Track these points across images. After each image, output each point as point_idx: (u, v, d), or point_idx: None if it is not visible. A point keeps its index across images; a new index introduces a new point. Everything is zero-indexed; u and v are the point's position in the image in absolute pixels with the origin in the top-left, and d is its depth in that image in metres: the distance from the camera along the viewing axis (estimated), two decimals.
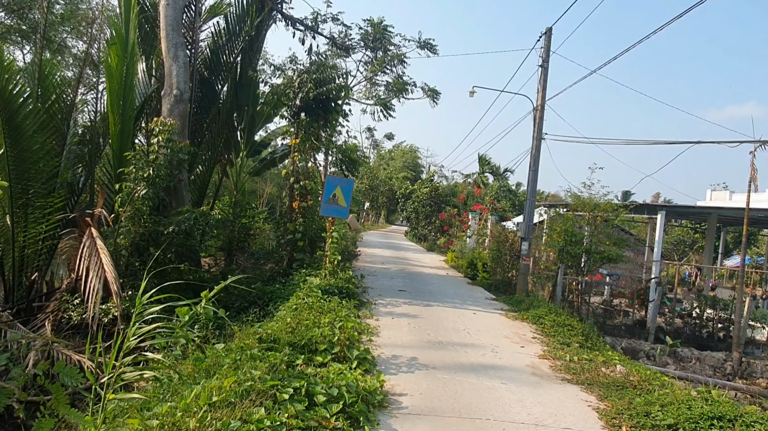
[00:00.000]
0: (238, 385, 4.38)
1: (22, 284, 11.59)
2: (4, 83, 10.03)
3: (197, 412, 3.81)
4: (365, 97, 20.06)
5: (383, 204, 59.19)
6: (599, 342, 10.01)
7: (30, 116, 10.66)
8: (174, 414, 3.79)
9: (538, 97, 15.26)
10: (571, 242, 14.36)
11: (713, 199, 25.26)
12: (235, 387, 4.34)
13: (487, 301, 13.46)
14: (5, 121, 10.34)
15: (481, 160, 36.53)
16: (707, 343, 14.47)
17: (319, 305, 8.74)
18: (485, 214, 23.86)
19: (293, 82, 12.26)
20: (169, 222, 10.79)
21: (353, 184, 12.83)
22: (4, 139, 10.37)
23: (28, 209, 11.12)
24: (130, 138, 12.03)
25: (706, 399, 5.81)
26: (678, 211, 20.53)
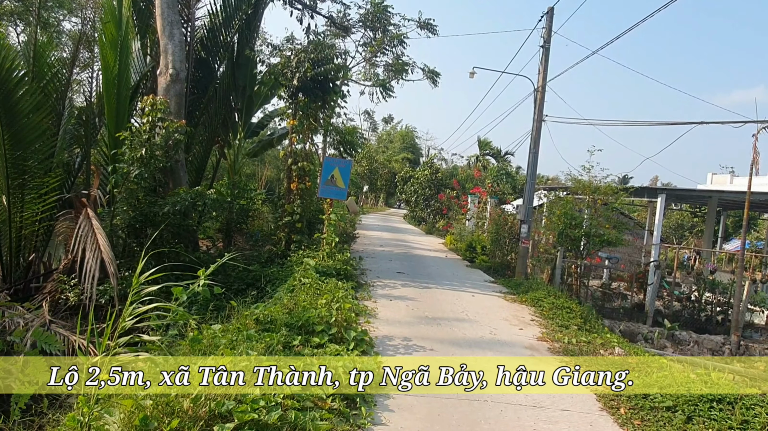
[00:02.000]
0: (233, 366, 4.33)
1: (19, 265, 11.55)
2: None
3: (192, 392, 3.76)
4: (364, 78, 19.82)
5: (382, 187, 59.07)
6: (598, 324, 9.99)
7: (26, 96, 10.52)
8: (168, 395, 3.74)
9: (539, 78, 15.08)
10: (570, 225, 14.29)
11: (714, 182, 25.15)
12: (230, 367, 4.29)
13: (486, 284, 13.43)
14: (1, 100, 10.19)
15: (481, 142, 36.37)
16: (705, 327, 14.48)
17: (317, 286, 8.69)
18: (484, 197, 23.77)
19: (291, 62, 12.07)
20: (164, 203, 10.70)
21: (351, 165, 12.71)
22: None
23: (24, 189, 11.03)
24: (125, 118, 11.89)
25: (705, 381, 5.78)
26: (678, 194, 20.45)
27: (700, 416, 4.97)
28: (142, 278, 3.72)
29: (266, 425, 3.52)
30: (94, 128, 13.32)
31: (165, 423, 3.36)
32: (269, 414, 3.57)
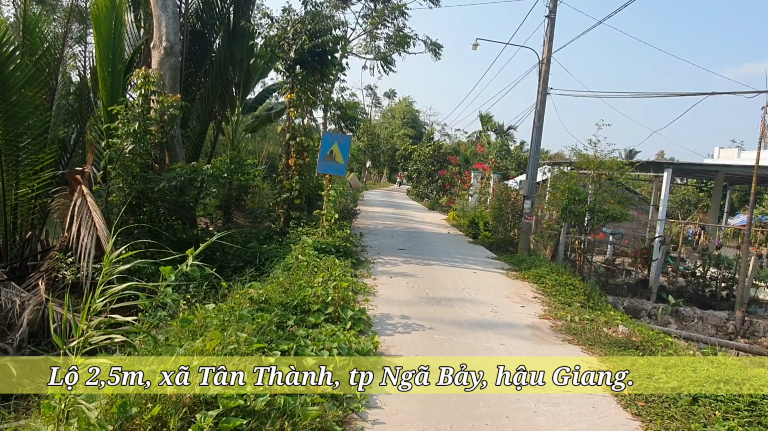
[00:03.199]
0: (221, 348, 4.18)
1: (15, 243, 11.43)
2: None
3: (175, 377, 3.60)
4: (365, 51, 19.38)
5: (385, 162, 58.67)
6: (601, 301, 9.82)
7: (18, 69, 10.28)
8: (152, 379, 3.59)
9: (544, 50, 14.66)
10: (574, 201, 14.05)
11: (721, 156, 24.74)
12: (218, 350, 4.14)
13: (488, 260, 13.26)
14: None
15: (483, 118, 35.81)
16: (710, 302, 14.33)
17: (314, 264, 8.52)
18: (487, 173, 23.48)
19: (287, 33, 11.70)
20: (159, 179, 10.49)
21: (351, 140, 12.43)
22: None
23: (18, 166, 10.85)
24: (119, 92, 11.61)
25: (712, 361, 5.61)
26: (684, 168, 20.10)
27: (706, 397, 4.81)
28: (113, 256, 3.52)
29: (253, 411, 3.37)
30: (89, 103, 13.06)
31: (147, 409, 3.21)
32: (256, 400, 3.42)
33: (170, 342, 4.71)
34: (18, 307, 9.65)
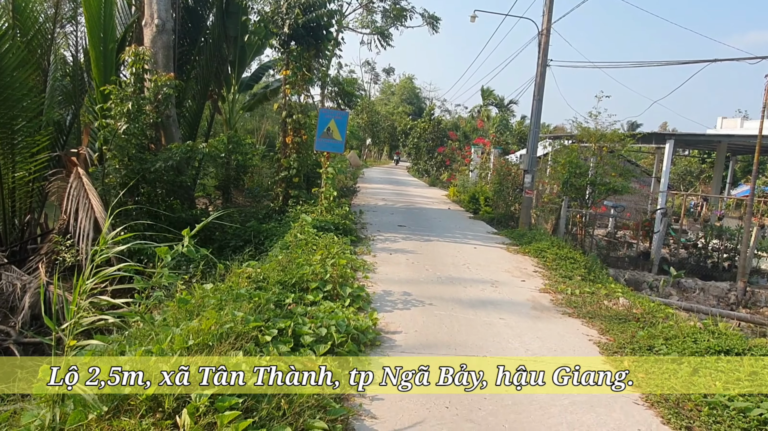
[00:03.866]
0: (218, 327, 4.14)
1: (14, 226, 11.40)
2: None
3: (171, 357, 3.58)
4: (361, 25, 19.06)
5: (385, 140, 58.28)
6: (602, 274, 9.79)
7: (10, 51, 10.12)
8: (147, 360, 3.56)
9: (544, 20, 14.38)
10: (575, 174, 13.94)
11: (724, 126, 24.49)
12: (214, 329, 4.10)
13: (489, 235, 13.21)
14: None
15: (484, 92, 35.39)
16: (711, 273, 14.31)
17: (313, 242, 8.47)
18: (488, 148, 23.29)
19: (281, 7, 11.47)
20: (155, 159, 10.40)
21: (348, 116, 12.27)
22: None
23: (14, 149, 10.76)
24: (112, 71, 11.44)
25: (712, 332, 5.59)
26: (687, 139, 19.90)
27: (706, 368, 4.79)
28: (109, 237, 3.46)
29: (249, 389, 3.34)
30: (83, 84, 12.89)
31: (142, 389, 3.19)
32: (252, 378, 3.39)
33: (167, 323, 4.69)
34: (19, 290, 9.67)
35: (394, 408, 3.95)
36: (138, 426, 3.02)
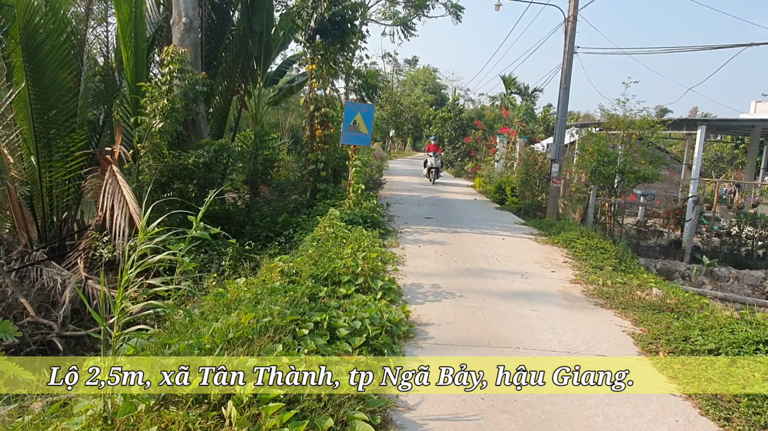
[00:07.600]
0: (256, 321, 4.25)
1: (53, 224, 11.75)
2: (28, 16, 9.71)
3: (213, 350, 3.70)
4: (384, 17, 19.01)
5: (409, 131, 58.13)
6: (633, 264, 9.68)
7: (52, 52, 10.35)
8: (191, 353, 3.69)
9: (570, 7, 14.15)
10: (603, 162, 13.77)
11: (758, 111, 23.81)
12: (253, 323, 4.21)
13: (516, 226, 13.15)
14: (28, 56, 10.05)
15: (506, 80, 34.88)
16: (746, 262, 14.01)
17: (343, 235, 8.57)
18: (513, 137, 23.08)
19: (307, 2, 11.53)
20: (188, 156, 10.61)
21: (374, 109, 12.30)
22: (25, 75, 10.13)
23: (51, 148, 11.07)
24: (144, 71, 11.68)
25: (750, 322, 5.50)
26: (719, 124, 19.43)
27: (745, 359, 4.74)
28: (149, 229, 3.58)
29: (291, 389, 3.43)
30: (114, 84, 13.17)
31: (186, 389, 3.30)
32: (293, 371, 3.48)
33: (206, 316, 4.83)
34: (59, 286, 10.01)
35: (430, 399, 4.01)
36: (186, 417, 3.14)
